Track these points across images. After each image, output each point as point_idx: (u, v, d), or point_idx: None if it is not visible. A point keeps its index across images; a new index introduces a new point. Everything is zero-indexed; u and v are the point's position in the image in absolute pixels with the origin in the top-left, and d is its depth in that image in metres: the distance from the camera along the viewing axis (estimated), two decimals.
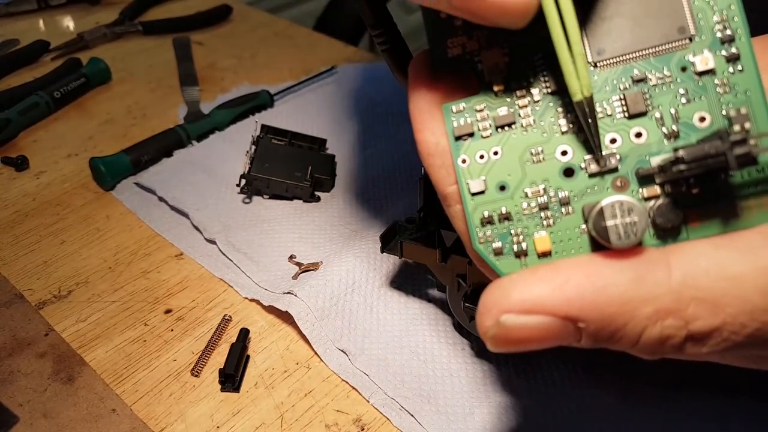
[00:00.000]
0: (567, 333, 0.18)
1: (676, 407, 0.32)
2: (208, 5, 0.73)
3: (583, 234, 0.20)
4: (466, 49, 0.21)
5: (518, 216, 0.20)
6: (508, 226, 0.20)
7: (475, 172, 0.21)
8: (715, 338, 0.18)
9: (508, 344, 0.18)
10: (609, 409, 0.32)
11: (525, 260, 0.20)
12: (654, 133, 0.20)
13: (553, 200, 0.20)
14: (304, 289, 0.38)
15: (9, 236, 0.44)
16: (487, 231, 0.20)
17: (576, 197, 0.20)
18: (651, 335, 0.18)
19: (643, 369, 0.34)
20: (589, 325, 0.18)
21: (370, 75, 0.61)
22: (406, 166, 0.49)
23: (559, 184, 0.20)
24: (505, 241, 0.20)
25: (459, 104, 0.21)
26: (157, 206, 0.46)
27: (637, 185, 0.20)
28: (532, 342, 0.18)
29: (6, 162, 0.51)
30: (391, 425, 0.33)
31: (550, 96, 0.20)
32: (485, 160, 0.21)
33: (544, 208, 0.20)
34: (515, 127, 0.21)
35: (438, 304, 0.38)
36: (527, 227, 0.20)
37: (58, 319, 0.38)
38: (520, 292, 0.18)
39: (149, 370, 0.36)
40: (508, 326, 0.18)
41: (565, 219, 0.20)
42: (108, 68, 0.61)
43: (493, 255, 0.20)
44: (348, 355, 0.35)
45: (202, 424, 0.33)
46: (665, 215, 0.19)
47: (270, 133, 0.49)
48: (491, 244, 0.20)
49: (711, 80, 0.19)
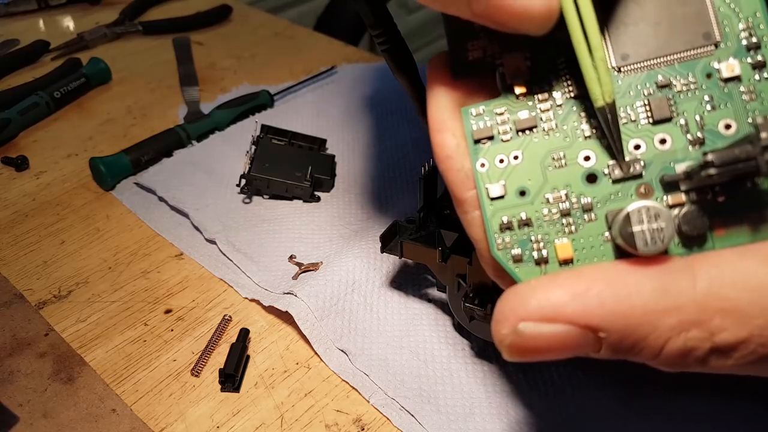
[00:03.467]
0: (587, 343, 0.17)
1: (676, 409, 0.32)
2: (208, 5, 0.73)
3: (606, 241, 0.19)
4: (486, 53, 0.21)
5: (539, 222, 0.20)
6: (528, 232, 0.20)
7: (495, 176, 0.20)
8: (741, 351, 0.17)
9: (524, 353, 0.18)
10: (609, 410, 0.32)
11: (545, 268, 0.20)
12: (679, 140, 0.19)
13: (575, 206, 0.20)
14: (304, 289, 0.38)
15: (9, 236, 0.44)
16: (506, 237, 0.20)
17: (599, 204, 0.19)
18: (674, 347, 0.17)
19: (644, 371, 0.34)
20: (611, 335, 0.17)
21: (370, 75, 0.61)
22: (406, 166, 0.49)
23: (582, 190, 0.20)
24: (525, 248, 0.20)
25: (479, 107, 0.20)
26: (157, 206, 0.46)
27: (661, 192, 0.19)
28: (550, 352, 0.17)
29: (6, 162, 0.51)
30: (391, 425, 0.33)
31: (572, 100, 0.20)
32: (505, 164, 0.20)
33: (565, 215, 0.20)
34: (536, 131, 0.20)
35: (438, 304, 0.38)
36: (548, 234, 0.20)
37: (58, 319, 0.38)
38: (538, 299, 0.17)
39: (149, 370, 0.36)
40: (526, 335, 0.17)
41: (587, 226, 0.19)
42: (108, 68, 0.61)
43: (512, 262, 0.20)
44: (348, 355, 0.35)
45: (202, 424, 0.33)
46: (692, 222, 0.18)
47: (270, 133, 0.49)
48: (510, 250, 0.20)
49: (737, 87, 0.19)
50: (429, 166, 0.36)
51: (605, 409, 0.32)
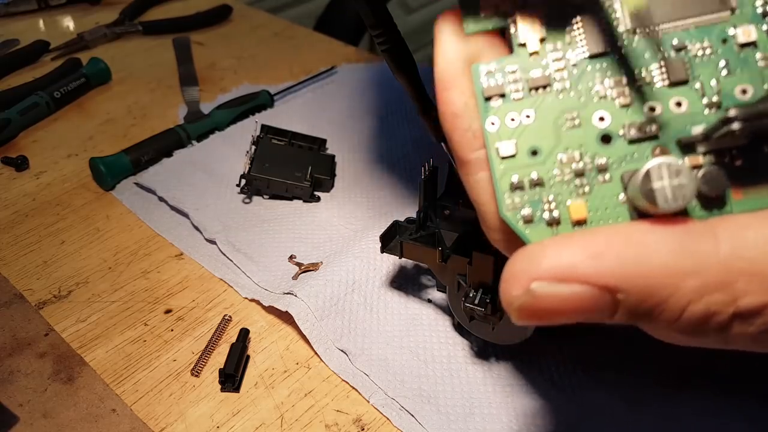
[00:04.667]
0: (603, 305, 0.17)
1: (676, 407, 0.32)
2: (208, 5, 0.73)
3: (621, 203, 0.19)
4: (499, 9, 0.20)
5: (551, 182, 0.19)
6: (539, 192, 0.19)
7: (505, 135, 0.19)
8: (765, 316, 0.16)
9: (535, 316, 0.17)
10: (609, 409, 0.32)
11: (557, 229, 0.19)
12: (695, 104, 0.19)
13: (589, 167, 0.19)
14: (304, 289, 0.38)
15: (9, 236, 0.44)
16: (516, 198, 0.19)
17: (614, 164, 0.19)
18: (695, 311, 0.16)
19: (644, 369, 0.34)
20: (629, 296, 0.16)
21: (370, 75, 0.61)
22: (406, 166, 0.49)
23: (596, 150, 0.19)
24: (536, 208, 0.19)
25: (490, 65, 0.20)
26: (157, 206, 0.46)
27: (678, 154, 0.19)
28: (562, 314, 0.17)
29: (6, 162, 0.51)
30: (391, 425, 0.33)
31: (587, 60, 0.20)
32: (516, 123, 0.19)
33: (579, 175, 0.19)
34: (550, 91, 0.19)
35: (438, 304, 0.38)
36: (560, 195, 0.19)
37: (58, 319, 0.38)
38: (552, 258, 0.16)
39: (149, 370, 0.36)
40: (539, 296, 0.16)
41: (602, 187, 0.19)
42: (108, 68, 0.61)
43: (522, 223, 0.19)
44: (348, 355, 0.35)
45: (202, 424, 0.33)
46: (712, 182, 0.18)
47: (270, 133, 0.49)
48: (520, 211, 0.19)
49: (753, 53, 0.19)
50: (429, 166, 0.36)
51: (606, 407, 0.32)
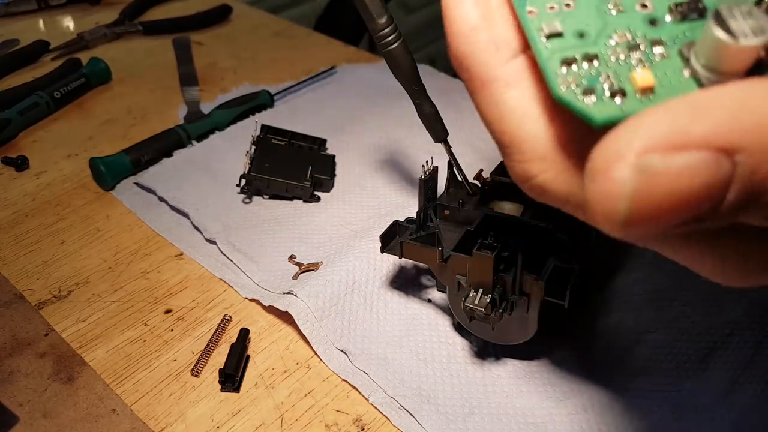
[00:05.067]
0: (720, 176, 0.14)
1: (680, 403, 0.32)
2: (208, 5, 0.73)
3: (687, 77, 0.16)
4: None
5: (606, 58, 0.17)
6: (596, 67, 0.17)
7: (548, 20, 0.17)
8: None
9: (648, 210, 0.14)
10: (612, 407, 0.32)
11: (624, 100, 0.16)
12: None
13: (643, 45, 0.17)
14: (304, 289, 0.38)
15: (9, 236, 0.44)
16: (569, 76, 0.17)
17: (669, 42, 0.17)
18: None
19: (643, 368, 0.34)
20: (750, 156, 0.14)
21: (370, 75, 0.61)
22: (406, 166, 0.49)
23: (646, 31, 0.17)
24: (594, 83, 0.16)
25: None
26: (157, 206, 0.46)
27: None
28: (680, 203, 0.14)
29: (6, 162, 0.51)
30: (390, 425, 0.33)
31: None
32: (556, 11, 0.17)
33: (634, 48, 0.17)
34: None
35: (438, 304, 0.38)
36: (619, 68, 0.17)
37: (58, 319, 0.38)
38: (661, 123, 0.14)
39: (149, 370, 0.36)
40: (656, 172, 0.13)
41: (662, 62, 0.17)
42: (108, 68, 0.61)
43: (583, 97, 0.16)
44: (348, 355, 0.35)
45: (202, 424, 0.33)
46: None
47: (270, 133, 0.49)
48: (577, 86, 0.16)
49: None
50: (429, 166, 0.36)
51: (607, 406, 0.32)
